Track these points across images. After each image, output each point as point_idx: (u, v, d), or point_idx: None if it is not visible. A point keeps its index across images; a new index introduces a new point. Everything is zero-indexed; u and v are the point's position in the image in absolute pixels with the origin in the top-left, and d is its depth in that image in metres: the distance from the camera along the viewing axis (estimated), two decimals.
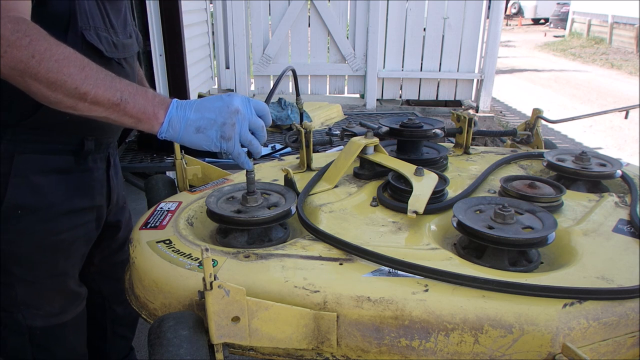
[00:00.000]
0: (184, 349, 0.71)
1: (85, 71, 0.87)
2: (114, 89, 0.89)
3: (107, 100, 0.88)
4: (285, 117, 2.85)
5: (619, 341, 0.79)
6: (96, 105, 0.88)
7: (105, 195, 1.32)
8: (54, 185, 1.16)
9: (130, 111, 0.90)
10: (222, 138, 0.93)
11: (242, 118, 0.93)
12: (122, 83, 0.91)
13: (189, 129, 0.93)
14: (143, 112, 0.91)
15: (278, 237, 1.04)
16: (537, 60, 12.28)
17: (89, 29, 1.09)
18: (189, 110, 0.93)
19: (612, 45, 13.56)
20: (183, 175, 1.34)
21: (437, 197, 1.10)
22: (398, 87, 4.72)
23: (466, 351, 0.78)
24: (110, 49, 1.15)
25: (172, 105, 0.93)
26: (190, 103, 0.95)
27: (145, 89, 0.94)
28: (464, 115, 1.49)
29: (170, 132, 0.93)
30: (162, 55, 3.55)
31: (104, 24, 1.15)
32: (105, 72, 0.91)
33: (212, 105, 0.93)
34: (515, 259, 0.93)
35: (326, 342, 0.82)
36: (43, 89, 0.86)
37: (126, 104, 0.90)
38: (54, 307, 1.29)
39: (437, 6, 4.45)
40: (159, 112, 0.92)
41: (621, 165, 1.26)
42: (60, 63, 0.85)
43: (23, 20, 0.86)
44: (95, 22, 1.11)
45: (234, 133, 0.93)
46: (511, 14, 21.67)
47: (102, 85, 0.88)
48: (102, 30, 1.13)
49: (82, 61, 0.88)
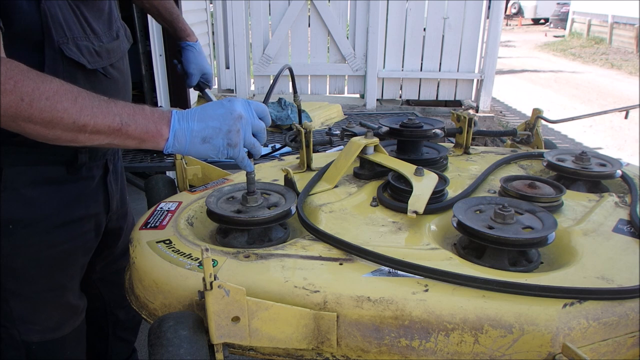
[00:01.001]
0: (184, 349, 0.71)
1: (78, 102, 0.83)
2: (112, 113, 0.85)
3: (108, 127, 0.85)
4: (285, 117, 2.85)
5: (619, 341, 0.79)
6: (97, 134, 0.85)
7: (103, 203, 1.27)
8: (46, 197, 1.11)
9: (133, 133, 0.87)
10: (228, 146, 0.91)
11: (246, 123, 0.92)
12: (118, 106, 0.87)
13: (195, 140, 0.90)
14: (146, 132, 0.88)
15: (278, 237, 1.04)
16: (537, 61, 12.27)
17: (67, 42, 1.01)
18: (192, 121, 0.91)
19: (612, 45, 13.56)
20: (183, 175, 1.34)
21: (437, 197, 1.10)
22: (398, 87, 4.72)
23: (466, 351, 0.78)
24: (92, 59, 1.07)
25: (173, 118, 0.90)
26: (192, 113, 0.92)
27: (142, 107, 0.90)
28: (464, 115, 1.49)
29: (177, 145, 0.90)
30: (162, 55, 3.55)
31: (83, 31, 1.06)
32: (99, 97, 0.86)
33: (215, 113, 0.91)
34: (515, 259, 0.93)
35: (326, 342, 0.82)
36: (39, 129, 0.82)
37: (127, 127, 0.86)
38: (51, 322, 1.24)
39: (437, 6, 4.45)
40: (162, 128, 0.89)
41: (621, 165, 1.26)
42: (52, 100, 0.81)
43: (2, 61, 0.79)
44: (73, 32, 1.03)
45: (239, 139, 0.91)
46: (511, 14, 21.66)
47: (99, 113, 0.84)
48: (82, 39, 1.05)
49: (73, 92, 0.83)
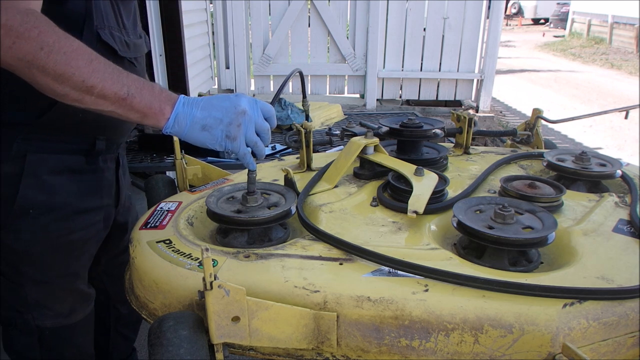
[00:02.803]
0: (184, 349, 0.71)
1: (93, 64, 0.87)
2: (121, 83, 0.89)
3: (114, 94, 0.88)
4: (285, 117, 2.84)
5: (619, 341, 0.79)
6: (102, 99, 0.88)
7: (114, 196, 1.32)
8: (65, 185, 1.15)
9: (137, 106, 0.90)
10: (227, 137, 0.93)
11: (249, 119, 0.94)
12: (130, 78, 0.91)
13: (194, 126, 0.93)
14: (149, 107, 0.91)
15: (278, 237, 1.04)
16: (537, 61, 12.27)
17: (104, 28, 1.09)
18: (196, 108, 0.94)
19: (612, 45, 13.55)
20: (183, 175, 1.34)
21: (437, 197, 1.10)
22: (398, 87, 4.72)
23: (466, 351, 0.78)
24: (123, 48, 1.15)
25: (179, 102, 0.93)
26: (198, 100, 0.95)
27: (152, 84, 0.94)
28: (464, 115, 1.49)
29: (176, 128, 0.93)
30: (162, 55, 3.55)
31: (117, 24, 1.15)
32: (114, 66, 0.90)
33: (220, 105, 0.94)
34: (515, 259, 0.93)
35: (326, 342, 0.82)
36: (50, 81, 0.85)
37: (133, 99, 0.89)
38: (64, 308, 1.28)
39: (437, 6, 4.45)
40: (166, 107, 0.92)
41: (621, 165, 1.26)
42: (69, 56, 0.85)
43: (32, 12, 0.85)
44: (110, 22, 1.12)
45: (239, 133, 0.93)
46: (511, 14, 21.66)
47: (109, 79, 0.88)
48: (115, 30, 1.14)
49: (91, 54, 0.88)
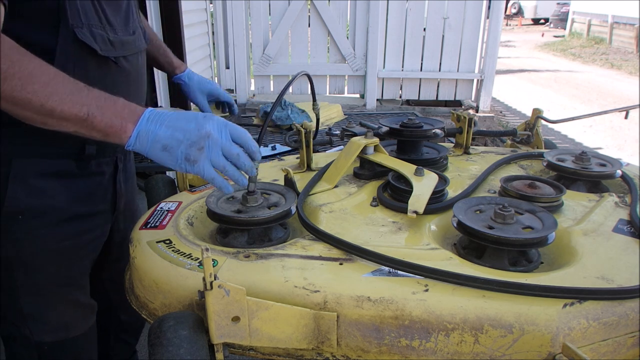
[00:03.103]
0: (184, 349, 0.71)
1: (50, 86, 0.84)
2: (81, 103, 0.86)
3: (74, 116, 0.85)
4: (285, 117, 2.84)
5: (619, 341, 0.79)
6: (64, 120, 0.86)
7: (111, 201, 1.26)
8: (55, 190, 1.12)
9: (98, 125, 0.87)
10: (186, 160, 0.89)
11: (214, 143, 0.90)
12: (91, 95, 0.87)
13: (155, 145, 0.89)
14: (111, 126, 0.88)
15: (278, 237, 1.04)
16: (537, 61, 12.27)
17: (81, 27, 1.03)
18: (161, 125, 0.90)
19: (612, 45, 13.56)
20: (183, 175, 1.34)
21: (437, 197, 1.10)
22: (398, 87, 4.72)
23: (466, 351, 0.78)
24: (105, 47, 1.09)
25: (142, 118, 0.90)
26: (164, 117, 0.91)
27: (116, 100, 0.90)
28: (464, 115, 1.49)
29: (138, 145, 0.90)
30: None
31: (99, 20, 1.09)
32: (74, 84, 0.87)
33: (184, 125, 0.90)
34: (515, 259, 0.93)
35: (326, 342, 0.82)
36: (11, 107, 0.83)
37: (93, 118, 0.86)
38: (62, 321, 1.23)
39: (437, 6, 4.45)
40: (127, 125, 0.89)
41: (621, 165, 1.26)
42: (24, 80, 0.82)
43: None
44: (89, 19, 1.06)
45: (200, 157, 0.89)
46: (511, 14, 21.66)
47: (67, 100, 0.85)
48: (97, 27, 1.07)
49: (47, 75, 0.85)
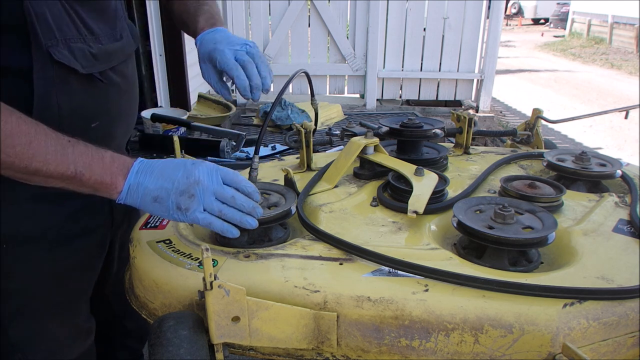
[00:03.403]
0: (184, 349, 0.71)
1: (32, 147, 0.80)
2: (67, 162, 0.83)
3: (61, 175, 0.83)
4: (285, 117, 2.85)
5: (619, 341, 0.79)
6: (50, 178, 0.83)
7: (107, 215, 1.22)
8: (46, 211, 1.07)
9: (87, 182, 0.85)
10: (178, 209, 0.87)
11: (204, 189, 0.88)
12: (77, 152, 0.84)
13: (146, 198, 0.87)
14: (101, 182, 0.86)
15: (278, 237, 1.04)
16: (537, 61, 12.28)
17: (57, 44, 0.93)
18: (150, 177, 0.88)
19: (612, 45, 13.56)
20: None
21: (437, 197, 1.10)
22: (398, 87, 4.72)
23: (466, 351, 0.78)
24: (87, 63, 0.99)
25: (132, 171, 0.88)
26: (153, 167, 0.89)
27: (103, 154, 0.87)
28: (464, 115, 1.49)
29: (129, 200, 0.88)
30: (162, 55, 3.55)
31: (78, 32, 0.97)
32: (56, 140, 0.83)
33: (172, 175, 0.88)
34: (515, 259, 0.93)
35: (326, 342, 0.82)
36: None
37: (82, 176, 0.84)
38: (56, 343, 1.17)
39: (437, 6, 4.45)
40: (118, 179, 0.87)
41: (621, 165, 1.26)
42: (4, 143, 0.78)
43: None
44: (65, 33, 0.94)
45: (192, 204, 0.87)
46: (511, 14, 21.67)
47: (52, 160, 0.82)
48: (76, 41, 0.97)
49: (28, 134, 0.80)
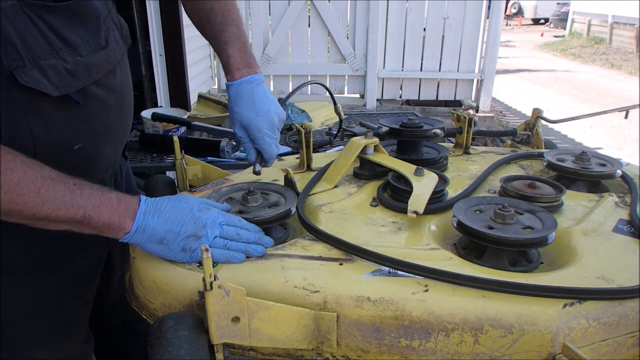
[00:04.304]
0: (183, 349, 0.71)
1: (41, 195, 0.78)
2: (76, 206, 0.82)
3: (69, 219, 0.82)
4: (285, 117, 2.85)
5: (619, 341, 0.79)
6: (57, 223, 0.82)
7: None
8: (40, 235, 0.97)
9: (95, 225, 0.84)
10: (183, 250, 0.88)
11: (209, 233, 0.89)
12: (84, 195, 0.83)
13: (152, 239, 0.87)
14: (108, 225, 0.85)
15: (278, 237, 1.04)
16: (537, 61, 12.28)
17: (22, 65, 0.81)
18: (158, 219, 0.88)
19: (612, 45, 13.56)
20: (183, 175, 1.34)
21: (437, 197, 1.10)
22: (398, 87, 4.72)
23: (466, 351, 0.78)
24: (62, 82, 0.87)
25: (139, 212, 0.87)
26: (160, 209, 0.88)
27: (110, 195, 0.86)
28: (464, 115, 1.49)
29: (134, 240, 0.88)
30: (162, 55, 3.55)
31: (49, 44, 0.84)
32: (63, 184, 0.81)
33: (182, 219, 0.88)
34: (515, 259, 0.93)
35: (326, 342, 0.82)
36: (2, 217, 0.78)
37: (90, 219, 0.83)
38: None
39: (437, 6, 4.45)
40: (126, 221, 0.86)
41: (621, 165, 1.26)
42: (12, 194, 0.75)
43: None
44: (33, 49, 0.82)
45: (197, 245, 0.88)
46: (511, 14, 21.68)
47: (61, 206, 0.81)
48: (47, 57, 0.84)
49: (36, 181, 0.78)
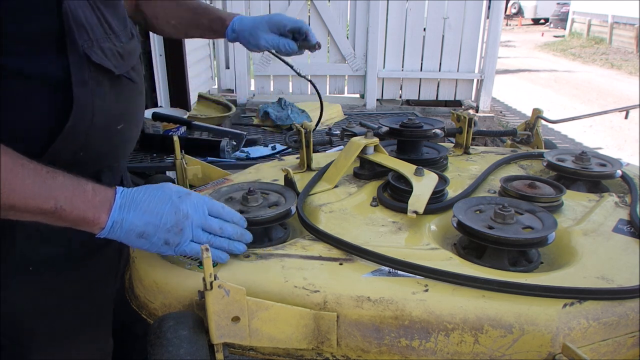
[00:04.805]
0: (183, 349, 0.71)
1: (8, 183, 0.76)
2: (48, 196, 0.79)
3: (39, 209, 0.79)
4: (285, 117, 2.84)
5: (619, 341, 0.79)
6: (27, 213, 0.79)
7: None
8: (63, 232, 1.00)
9: (68, 217, 0.81)
10: (165, 244, 0.85)
11: (192, 223, 0.86)
12: (56, 185, 0.80)
13: (131, 234, 0.84)
14: (82, 218, 0.82)
15: (278, 237, 1.04)
16: (537, 61, 12.28)
17: (92, 46, 0.90)
18: (134, 212, 0.84)
19: (612, 45, 13.57)
20: (183, 175, 1.34)
21: (437, 197, 1.10)
22: (398, 87, 4.71)
23: (466, 351, 0.78)
24: (118, 63, 0.97)
25: (115, 206, 0.83)
26: (137, 200, 0.85)
27: (85, 186, 0.83)
28: (464, 115, 1.49)
29: (111, 234, 0.84)
30: (162, 55, 3.55)
31: (104, 30, 0.94)
32: (40, 173, 0.80)
33: (159, 209, 0.84)
34: (515, 259, 0.93)
35: (326, 342, 0.82)
36: None
37: (62, 211, 0.80)
38: None
39: (437, 6, 4.45)
40: (101, 215, 0.83)
41: (621, 165, 1.26)
42: None
43: None
44: (96, 33, 0.91)
45: (181, 239, 0.86)
46: (511, 14, 21.68)
47: (30, 196, 0.78)
48: (104, 41, 0.94)
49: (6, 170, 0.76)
